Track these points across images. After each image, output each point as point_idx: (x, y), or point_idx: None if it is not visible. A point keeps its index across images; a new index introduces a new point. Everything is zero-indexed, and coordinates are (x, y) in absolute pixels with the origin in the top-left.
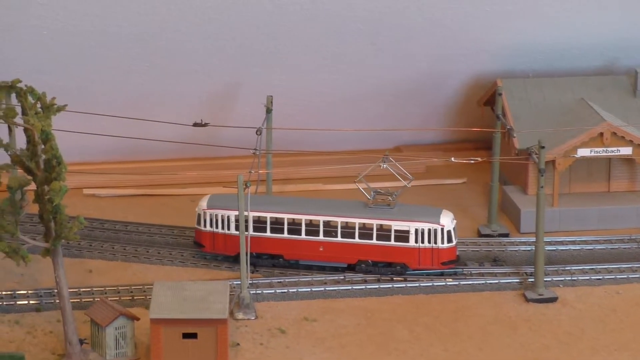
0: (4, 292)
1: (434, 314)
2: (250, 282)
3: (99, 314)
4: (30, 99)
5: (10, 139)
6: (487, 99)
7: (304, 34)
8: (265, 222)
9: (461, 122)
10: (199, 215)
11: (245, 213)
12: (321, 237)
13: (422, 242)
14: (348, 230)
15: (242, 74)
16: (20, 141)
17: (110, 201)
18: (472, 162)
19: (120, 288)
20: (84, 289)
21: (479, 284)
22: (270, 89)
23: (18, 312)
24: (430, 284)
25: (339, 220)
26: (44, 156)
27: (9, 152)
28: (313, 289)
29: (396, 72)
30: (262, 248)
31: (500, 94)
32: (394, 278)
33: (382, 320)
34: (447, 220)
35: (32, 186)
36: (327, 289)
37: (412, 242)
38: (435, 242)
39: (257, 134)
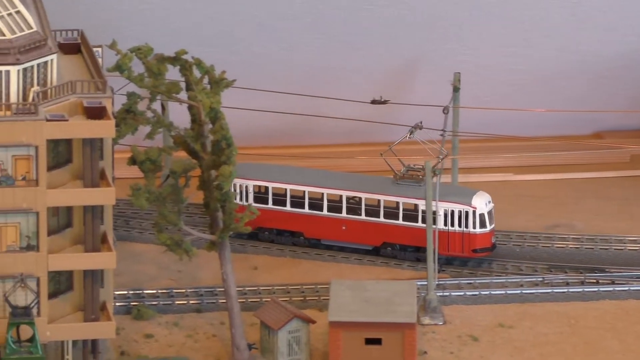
0: (160, 291)
1: None
2: (437, 282)
3: (270, 316)
4: (195, 73)
5: (164, 117)
6: None
7: (494, 2)
8: (284, 196)
9: None
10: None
11: (266, 183)
12: (344, 214)
13: (452, 225)
14: (372, 209)
15: (424, 48)
16: (179, 119)
17: None
18: None
19: (290, 287)
20: (249, 288)
21: None
22: (455, 65)
23: (177, 312)
24: None
25: (363, 196)
26: (211, 137)
27: (171, 133)
28: (508, 292)
29: (600, 48)
30: (281, 224)
31: None
32: (599, 281)
33: (587, 328)
34: (481, 202)
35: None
36: (523, 292)
37: (440, 225)
38: (467, 226)
39: (444, 112)
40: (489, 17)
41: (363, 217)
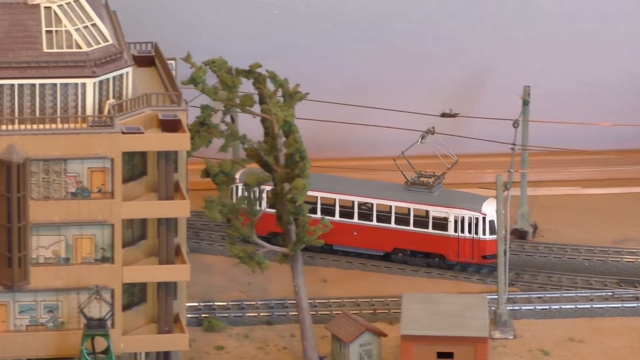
0: (231, 303)
1: None
2: (508, 296)
3: (341, 329)
4: (269, 85)
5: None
6: None
7: (563, 14)
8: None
9: None
10: (231, 189)
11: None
12: (355, 220)
13: (462, 231)
14: (384, 214)
15: (492, 61)
16: (248, 132)
17: None
18: None
19: (360, 300)
20: (319, 301)
21: None
22: (523, 78)
23: (247, 324)
24: None
25: (374, 202)
26: (284, 150)
27: (244, 145)
28: (578, 306)
29: None
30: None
31: None
32: None
33: None
34: (491, 209)
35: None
36: (594, 306)
37: (450, 231)
38: (477, 233)
39: (514, 126)
40: (557, 30)
41: (374, 222)
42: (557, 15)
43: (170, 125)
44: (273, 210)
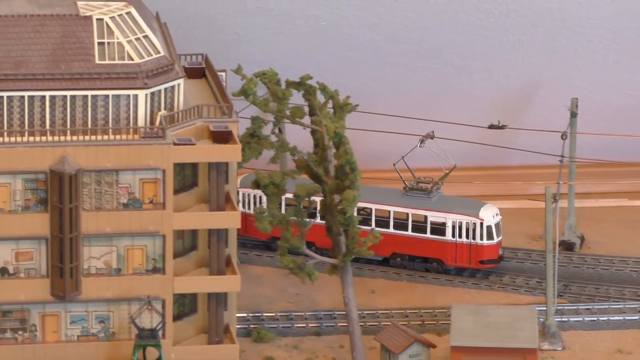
0: (279, 313)
1: None
2: (556, 308)
3: (390, 340)
4: (319, 97)
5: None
6: None
7: (612, 27)
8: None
9: None
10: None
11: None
12: (314, 220)
13: (460, 236)
14: (382, 219)
15: (539, 73)
16: (298, 143)
17: None
18: None
19: (408, 311)
20: (368, 312)
21: None
22: (571, 90)
23: (296, 335)
24: None
25: (373, 207)
26: (334, 161)
27: (294, 157)
28: (626, 318)
29: None
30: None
31: None
32: None
33: None
34: (488, 215)
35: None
36: None
37: (448, 236)
38: (474, 238)
39: (562, 138)
40: (605, 43)
41: (373, 227)
42: (605, 29)
43: (222, 137)
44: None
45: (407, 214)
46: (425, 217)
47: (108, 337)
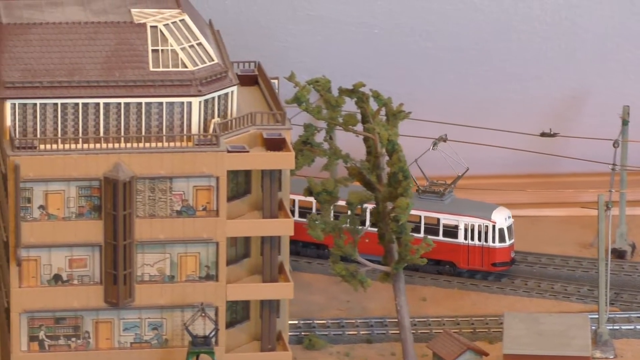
0: (330, 321)
1: None
2: (608, 316)
3: (443, 348)
4: (371, 105)
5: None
6: None
7: None
8: (310, 208)
9: None
10: None
11: (292, 196)
12: (367, 227)
13: (472, 239)
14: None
15: (590, 81)
16: (348, 150)
17: None
18: None
19: (459, 319)
20: (419, 319)
21: None
22: (622, 98)
23: (347, 343)
24: None
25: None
26: (387, 169)
27: (347, 164)
28: None
29: None
30: (305, 236)
31: None
32: None
33: None
34: (500, 217)
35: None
36: None
37: (460, 239)
38: (486, 241)
39: (614, 146)
40: None
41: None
42: None
43: (275, 144)
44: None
45: (420, 217)
46: (438, 219)
47: (161, 344)
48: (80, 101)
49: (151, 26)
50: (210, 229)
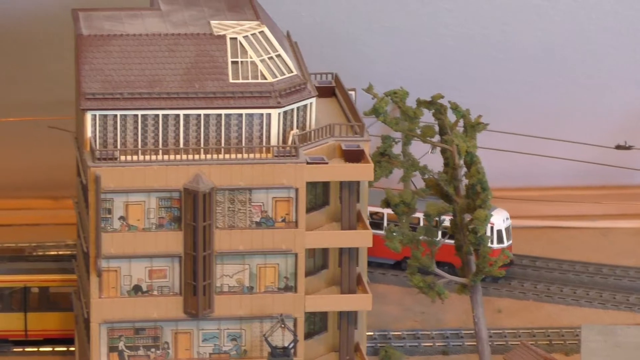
0: (406, 332)
1: None
2: None
3: None
4: (449, 116)
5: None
6: None
7: None
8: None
9: None
10: None
11: None
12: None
13: None
14: (394, 224)
15: None
16: (429, 162)
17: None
18: None
19: (535, 331)
20: (494, 331)
21: None
22: None
23: (423, 354)
24: None
25: (385, 212)
26: (465, 180)
27: (425, 176)
28: None
29: None
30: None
31: None
32: None
33: None
34: (499, 219)
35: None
36: None
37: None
38: None
39: None
40: None
41: (383, 231)
42: None
43: (354, 156)
44: None
45: (419, 219)
46: (437, 221)
47: (240, 355)
48: (160, 112)
49: (231, 38)
50: (289, 240)
